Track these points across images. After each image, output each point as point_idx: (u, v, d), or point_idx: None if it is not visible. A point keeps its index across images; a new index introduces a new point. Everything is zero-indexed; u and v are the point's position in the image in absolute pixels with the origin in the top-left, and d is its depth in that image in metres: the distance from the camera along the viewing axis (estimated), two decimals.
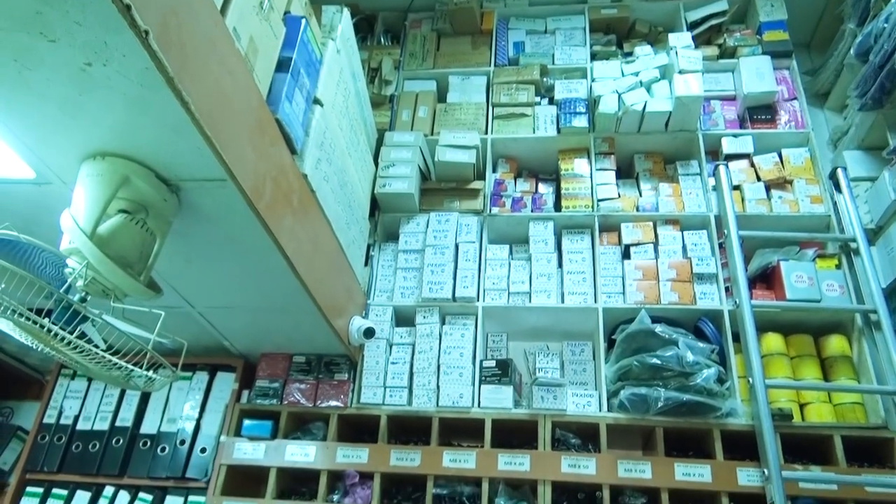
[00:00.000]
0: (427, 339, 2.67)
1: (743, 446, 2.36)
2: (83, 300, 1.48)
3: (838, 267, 2.63)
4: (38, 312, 1.37)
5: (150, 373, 1.57)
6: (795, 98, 3.07)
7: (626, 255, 2.80)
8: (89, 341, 1.47)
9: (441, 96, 3.32)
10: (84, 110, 1.42)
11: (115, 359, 1.50)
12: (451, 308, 2.75)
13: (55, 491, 2.60)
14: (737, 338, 2.52)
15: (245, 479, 2.59)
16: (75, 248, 1.48)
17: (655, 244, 2.78)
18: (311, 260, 2.09)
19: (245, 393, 2.68)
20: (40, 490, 2.61)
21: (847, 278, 2.58)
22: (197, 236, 1.87)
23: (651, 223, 2.82)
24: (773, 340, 2.57)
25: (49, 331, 1.39)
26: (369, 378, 2.61)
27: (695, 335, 2.53)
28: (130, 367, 1.52)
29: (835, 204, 2.75)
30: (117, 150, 1.55)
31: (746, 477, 2.27)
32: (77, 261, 1.48)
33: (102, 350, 1.48)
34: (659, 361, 2.37)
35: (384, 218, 2.98)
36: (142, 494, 2.54)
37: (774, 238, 2.71)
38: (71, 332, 1.40)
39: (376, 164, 2.94)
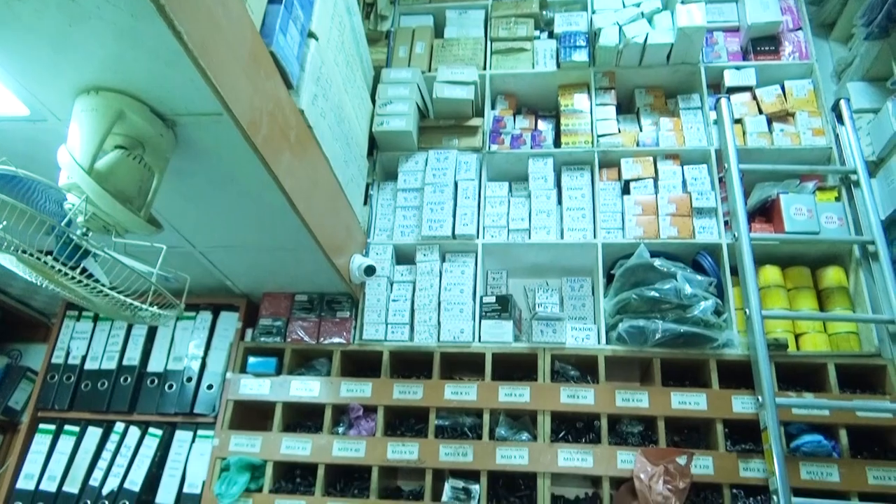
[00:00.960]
0: (427, 277, 2.70)
1: (739, 375, 2.40)
2: (84, 235, 1.48)
3: (838, 199, 2.63)
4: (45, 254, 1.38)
5: (155, 308, 1.59)
6: (800, 28, 3.01)
7: (625, 190, 2.80)
8: (92, 277, 1.49)
9: (438, 31, 3.25)
10: (75, 43, 1.39)
11: (120, 296, 1.52)
12: (451, 245, 2.76)
13: (67, 427, 2.67)
14: (735, 271, 2.54)
15: (252, 413, 2.66)
16: (74, 184, 1.47)
17: (655, 179, 2.78)
18: (310, 197, 2.09)
19: (249, 331, 2.72)
20: (52, 427, 2.68)
21: (846, 210, 2.58)
22: (195, 174, 1.87)
23: (651, 158, 2.80)
24: (771, 273, 2.59)
25: (53, 266, 1.40)
26: (371, 315, 2.65)
27: (693, 269, 2.55)
28: (135, 303, 1.54)
29: (837, 136, 2.73)
30: (111, 85, 1.53)
31: (741, 404, 2.33)
32: (76, 195, 1.48)
33: (108, 287, 1.50)
34: (657, 294, 2.39)
35: (382, 157, 2.96)
36: (152, 430, 2.61)
37: (775, 171, 2.70)
38: (74, 268, 1.41)
39: (373, 101, 2.90)
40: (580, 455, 2.33)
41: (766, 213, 2.70)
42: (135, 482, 2.51)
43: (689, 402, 2.36)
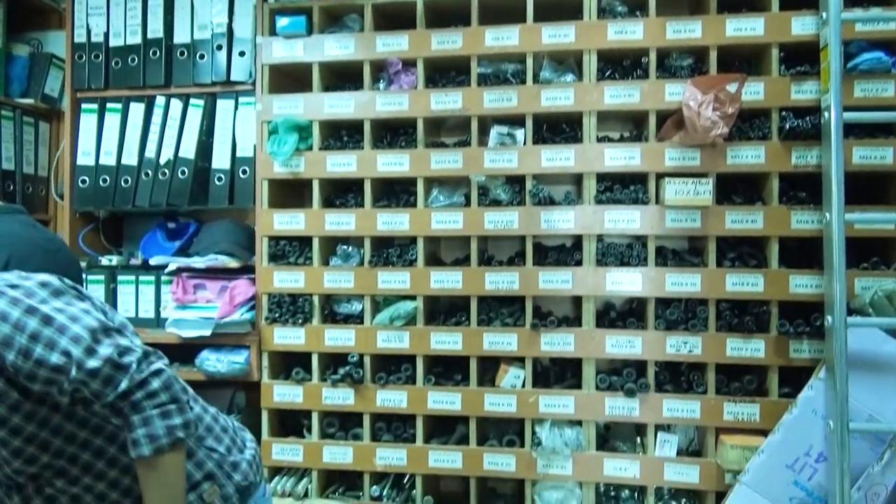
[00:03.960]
0: None
1: None
2: None
3: None
4: None
5: None
6: None
7: None
8: None
9: None
10: None
11: None
12: None
13: (109, 106, 2.68)
14: None
15: (288, 76, 2.61)
16: None
17: None
18: None
19: None
20: (94, 106, 2.69)
21: None
22: None
23: None
24: None
25: None
26: None
27: None
28: None
29: None
30: None
31: (801, 25, 2.20)
32: None
33: None
34: None
35: None
36: (193, 101, 2.61)
37: None
38: None
39: None
40: (627, 91, 2.29)
41: None
42: (188, 150, 2.58)
43: (743, 27, 2.24)
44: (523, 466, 2.34)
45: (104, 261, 2.68)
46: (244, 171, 2.56)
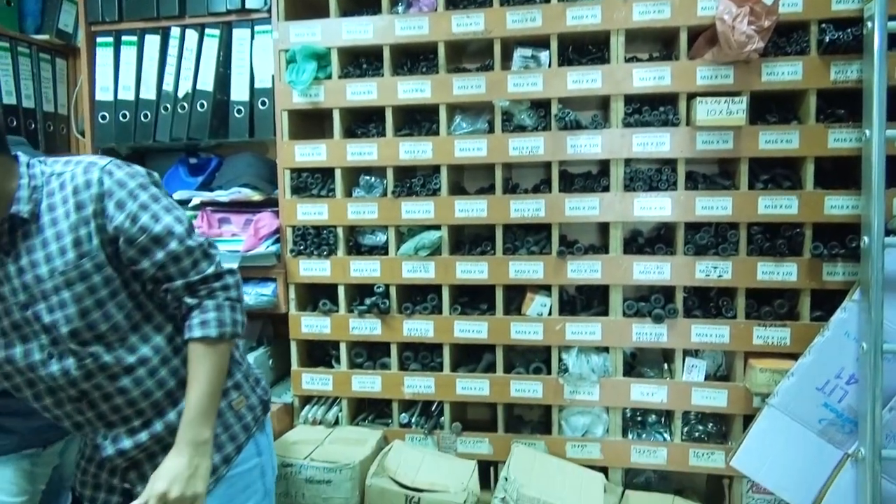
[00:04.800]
0: None
1: None
2: None
3: None
4: None
5: None
6: None
7: None
8: None
9: None
10: None
11: None
12: None
13: (124, 39, 2.63)
14: None
15: (304, 2, 2.52)
16: None
17: None
18: None
19: None
20: (110, 40, 2.64)
21: None
22: None
23: None
24: None
25: None
26: None
27: None
28: None
29: None
30: None
31: None
32: None
33: None
34: None
35: None
36: (208, 31, 2.54)
37: None
38: None
39: None
40: (657, 7, 2.18)
41: None
42: (206, 83, 2.54)
43: None
44: (550, 393, 2.36)
45: None
46: (263, 103, 2.52)
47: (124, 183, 1.28)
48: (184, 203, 2.56)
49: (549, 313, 2.35)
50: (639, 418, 2.43)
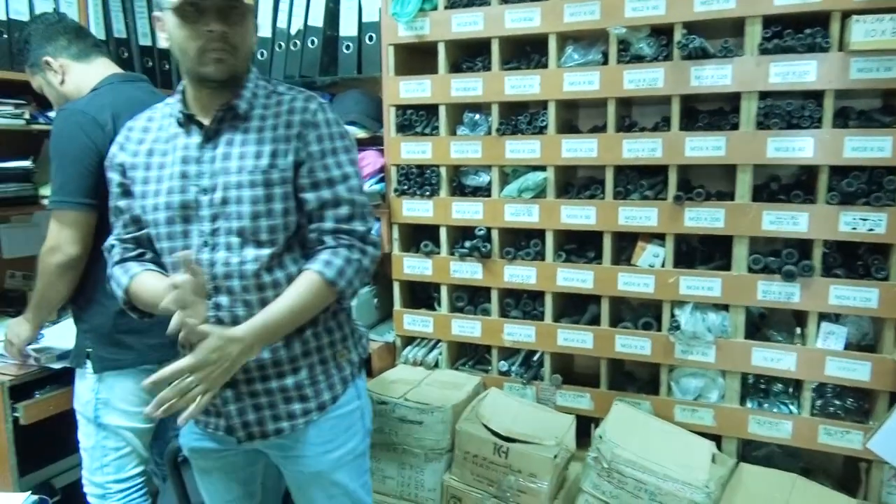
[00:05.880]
0: None
1: None
2: None
3: None
4: None
5: None
6: None
7: None
8: None
9: None
10: None
11: None
12: None
13: None
14: None
15: None
16: None
17: None
18: None
19: None
20: None
21: None
22: None
23: None
24: None
25: None
26: None
27: None
28: None
29: None
30: None
31: None
32: None
33: None
34: None
35: None
36: None
37: None
38: None
39: None
40: None
41: None
42: (317, 18, 2.53)
43: None
44: (660, 350, 2.17)
45: None
46: (371, 38, 2.47)
47: (332, 124, 1.39)
48: None
49: (663, 265, 2.15)
50: (762, 386, 2.18)
